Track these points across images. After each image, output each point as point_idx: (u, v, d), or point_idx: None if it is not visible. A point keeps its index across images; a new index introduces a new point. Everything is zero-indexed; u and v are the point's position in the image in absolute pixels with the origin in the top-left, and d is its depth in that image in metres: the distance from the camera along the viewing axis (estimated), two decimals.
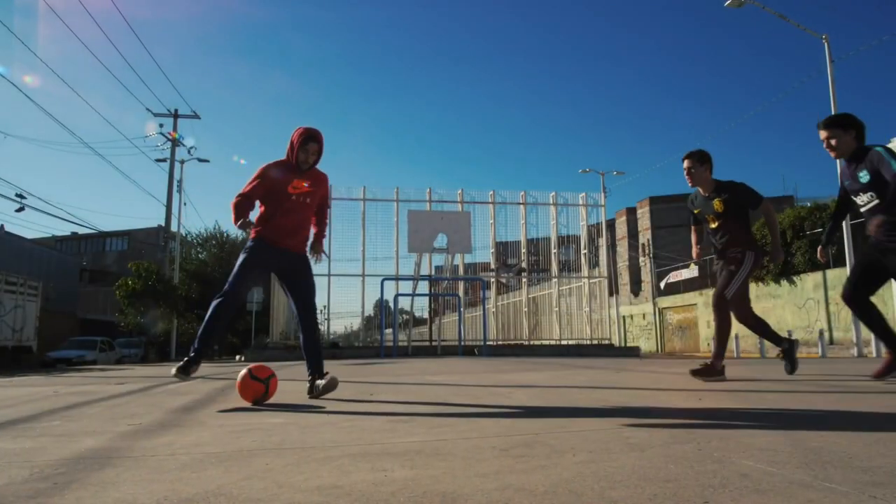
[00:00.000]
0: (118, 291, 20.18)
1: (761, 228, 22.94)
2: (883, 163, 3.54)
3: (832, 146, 3.81)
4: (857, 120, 3.80)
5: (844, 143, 3.77)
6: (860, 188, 3.72)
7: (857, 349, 13.67)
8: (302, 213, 3.73)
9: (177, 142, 24.40)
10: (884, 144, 3.65)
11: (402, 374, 6.15)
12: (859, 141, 3.77)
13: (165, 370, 9.81)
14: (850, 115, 3.83)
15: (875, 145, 3.67)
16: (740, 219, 4.42)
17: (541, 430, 2.16)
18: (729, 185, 4.41)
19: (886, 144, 11.98)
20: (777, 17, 13.86)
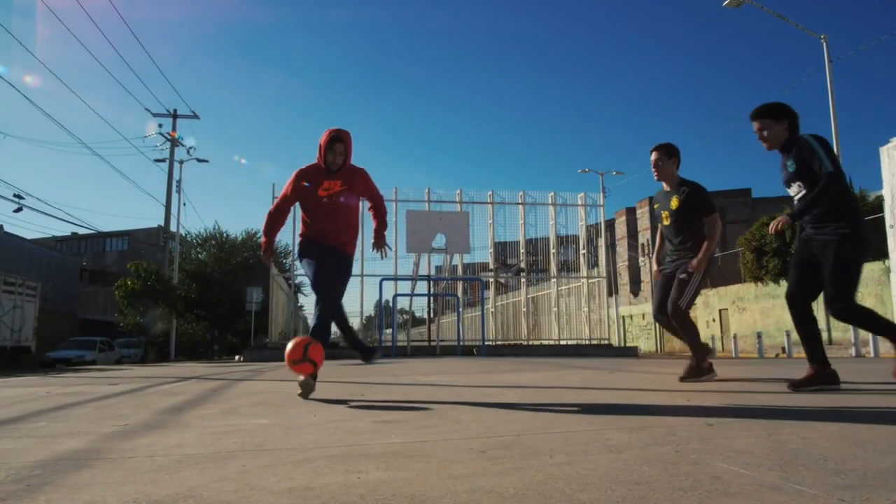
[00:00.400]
0: (117, 292, 20.19)
1: (760, 228, 22.97)
2: (813, 156, 3.35)
3: (764, 137, 3.60)
4: (789, 110, 3.59)
5: (776, 133, 3.57)
6: (788, 178, 3.53)
7: (854, 349, 13.64)
8: (339, 213, 3.74)
9: (176, 142, 24.42)
10: (815, 134, 3.43)
11: (398, 375, 6.14)
12: (792, 131, 3.56)
13: (162, 370, 9.82)
14: (783, 104, 3.62)
15: (806, 135, 3.45)
16: (695, 221, 4.33)
17: (523, 431, 2.16)
18: (691, 184, 4.33)
19: (885, 145, 11.78)
20: (776, 16, 13.85)
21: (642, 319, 32.28)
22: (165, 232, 24.29)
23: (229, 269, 26.83)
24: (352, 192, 3.76)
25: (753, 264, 22.96)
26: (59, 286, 31.64)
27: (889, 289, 18.12)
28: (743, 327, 23.50)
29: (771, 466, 1.51)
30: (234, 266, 26.98)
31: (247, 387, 4.89)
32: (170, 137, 24.16)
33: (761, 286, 23.12)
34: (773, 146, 3.62)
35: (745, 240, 23.61)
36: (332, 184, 3.68)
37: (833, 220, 3.38)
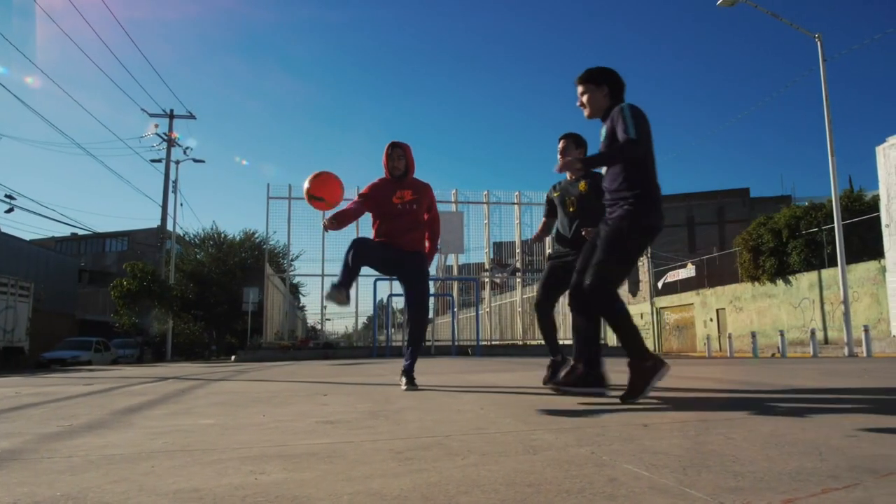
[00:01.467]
0: (113, 292, 20.23)
1: (758, 228, 22.89)
2: (620, 120, 3.03)
3: (583, 103, 3.28)
4: (613, 76, 3.26)
5: (595, 100, 3.24)
6: (600, 147, 3.25)
7: (847, 349, 13.58)
8: (409, 216, 4.13)
9: (173, 142, 24.45)
10: (633, 104, 3.10)
11: (375, 375, 6.13)
12: (613, 99, 3.22)
13: (149, 371, 9.82)
14: (607, 69, 3.28)
15: (625, 103, 3.13)
16: (599, 207, 4.18)
17: (455, 432, 2.14)
18: (597, 173, 4.03)
19: (881, 144, 11.78)
20: (770, 15, 13.79)
21: (640, 319, 32.16)
22: (162, 232, 24.33)
23: (226, 270, 26.85)
24: (421, 203, 4.16)
25: (750, 264, 22.90)
26: (57, 287, 31.70)
27: (884, 288, 18.06)
28: (740, 327, 23.41)
29: (675, 468, 1.49)
30: (231, 266, 26.99)
31: (219, 387, 4.88)
32: (167, 138, 24.21)
33: (758, 286, 23.04)
34: (593, 114, 3.29)
35: (742, 239, 23.54)
36: (403, 192, 4.11)
37: (625, 200, 3.07)
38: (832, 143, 13.68)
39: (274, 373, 7.47)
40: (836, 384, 4.14)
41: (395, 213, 4.09)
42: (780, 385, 4.07)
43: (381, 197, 4.12)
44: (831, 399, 3.26)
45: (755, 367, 7.04)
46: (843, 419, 2.31)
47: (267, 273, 17.76)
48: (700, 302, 26.84)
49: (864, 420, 2.28)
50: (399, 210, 4.09)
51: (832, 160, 13.71)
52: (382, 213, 4.15)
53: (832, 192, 14.14)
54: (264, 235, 25.94)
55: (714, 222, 31.27)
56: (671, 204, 32.18)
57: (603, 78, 3.23)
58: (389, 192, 4.10)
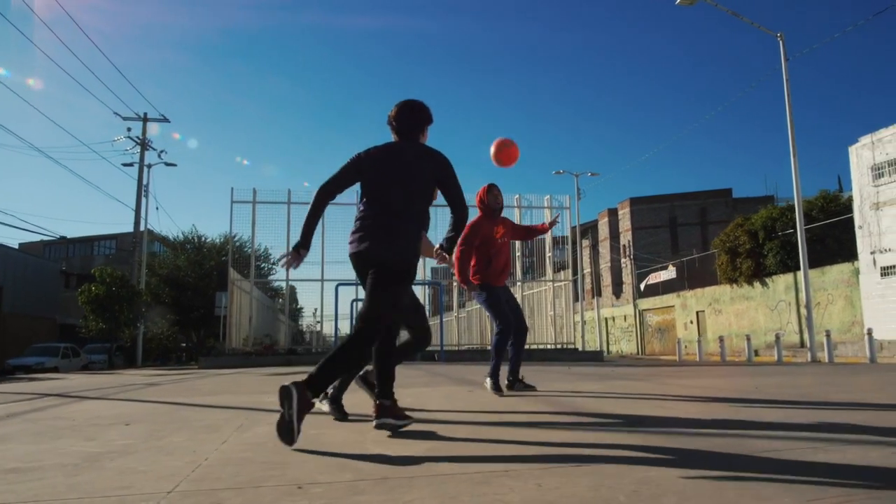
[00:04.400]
0: (80, 297, 19.94)
1: (735, 230, 22.69)
2: None
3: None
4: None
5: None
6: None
7: (810, 354, 13.36)
8: (506, 252, 4.62)
9: (146, 145, 24.17)
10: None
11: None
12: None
13: (84, 380, 9.54)
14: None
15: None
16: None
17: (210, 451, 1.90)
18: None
19: (854, 144, 11.80)
20: (731, 14, 13.58)
21: (624, 321, 32.00)
22: (135, 236, 24.07)
23: (203, 274, 26.57)
24: (508, 235, 4.67)
25: (728, 266, 22.73)
26: (37, 290, 31.40)
27: (858, 290, 17.87)
28: (720, 329, 23.21)
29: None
30: (208, 270, 26.70)
31: (76, 408, 4.60)
32: (139, 141, 23.95)
33: (736, 288, 22.87)
34: None
35: (720, 241, 23.37)
36: (498, 228, 4.56)
37: None
38: (794, 145, 13.47)
39: (193, 385, 7.23)
40: (688, 412, 3.90)
41: (497, 251, 4.53)
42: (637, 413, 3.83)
43: (486, 233, 4.50)
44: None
45: (709, 376, 6.81)
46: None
47: (232, 278, 17.47)
48: (681, 304, 26.66)
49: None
50: (500, 245, 4.56)
51: (794, 161, 13.50)
52: (487, 249, 4.51)
53: (794, 195, 13.96)
54: (243, 239, 25.64)
55: (697, 223, 31.11)
56: (654, 204, 32.01)
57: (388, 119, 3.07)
58: (492, 227, 4.53)
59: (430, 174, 2.93)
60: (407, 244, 2.81)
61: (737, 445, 2.18)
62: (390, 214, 2.84)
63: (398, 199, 2.87)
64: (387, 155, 2.95)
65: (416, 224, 2.89)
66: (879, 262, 17.12)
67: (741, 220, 22.93)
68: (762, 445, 2.16)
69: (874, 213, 17.41)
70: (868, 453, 1.98)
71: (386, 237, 2.79)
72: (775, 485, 1.59)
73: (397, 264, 2.79)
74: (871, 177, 17.46)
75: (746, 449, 2.10)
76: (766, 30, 13.65)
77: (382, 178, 2.90)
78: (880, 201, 17.21)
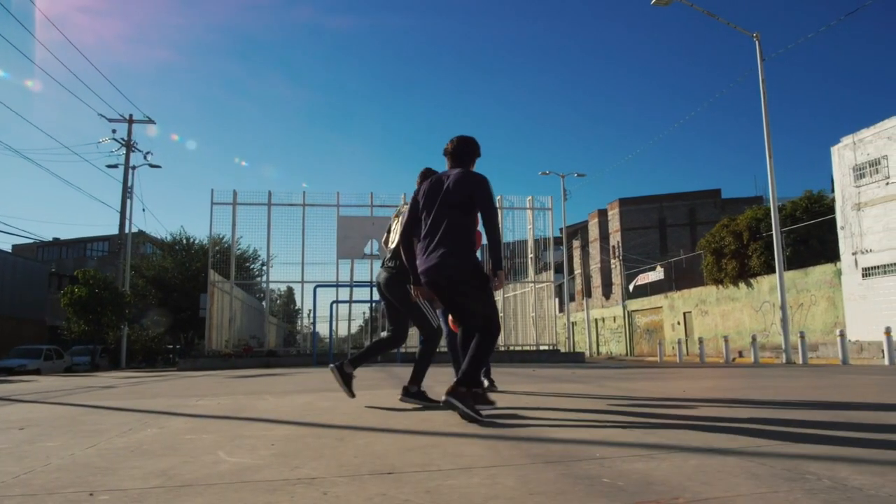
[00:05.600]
0: (63, 299, 19.87)
1: (720, 230, 22.65)
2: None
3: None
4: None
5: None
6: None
7: (785, 356, 13.30)
8: None
9: (131, 146, 24.12)
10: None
11: (234, 391, 5.83)
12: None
13: (42, 383, 9.49)
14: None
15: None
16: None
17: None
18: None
19: (836, 145, 11.88)
20: (706, 14, 13.53)
21: (613, 322, 31.93)
22: (120, 238, 24.01)
23: (190, 275, 26.50)
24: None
25: (713, 266, 22.66)
26: (25, 292, 31.36)
27: (841, 291, 17.80)
28: (706, 330, 23.15)
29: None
30: (195, 271, 26.63)
31: None
32: (124, 142, 23.90)
33: (722, 289, 22.80)
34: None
35: (706, 242, 23.30)
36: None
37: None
38: (770, 146, 13.42)
39: (145, 388, 7.19)
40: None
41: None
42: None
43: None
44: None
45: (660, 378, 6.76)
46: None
47: (212, 280, 17.43)
48: (668, 305, 26.59)
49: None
50: None
51: (770, 163, 13.44)
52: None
53: (770, 196, 13.90)
54: (230, 241, 25.63)
55: (686, 224, 31.04)
56: (642, 205, 31.94)
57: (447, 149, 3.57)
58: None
59: (466, 190, 3.30)
60: (455, 260, 3.23)
61: (540, 448, 2.12)
62: (432, 237, 3.30)
63: (438, 221, 3.32)
64: (431, 185, 3.44)
65: (454, 238, 3.26)
66: (861, 262, 17.06)
67: (727, 220, 22.88)
68: (589, 452, 2.11)
69: (856, 213, 17.35)
70: (687, 461, 1.93)
71: (437, 260, 3.24)
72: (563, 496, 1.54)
73: (455, 276, 3.24)
74: (853, 177, 17.40)
75: (553, 455, 2.05)
76: (742, 30, 13.62)
77: (428, 205, 3.39)
78: (862, 202, 17.15)
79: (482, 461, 1.98)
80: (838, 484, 1.53)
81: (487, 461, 1.98)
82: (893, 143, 16.38)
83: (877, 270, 16.64)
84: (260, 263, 28.48)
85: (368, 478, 1.80)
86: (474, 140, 3.59)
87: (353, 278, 16.72)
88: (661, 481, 1.61)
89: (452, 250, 3.24)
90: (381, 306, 22.04)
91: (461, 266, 3.24)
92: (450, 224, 3.28)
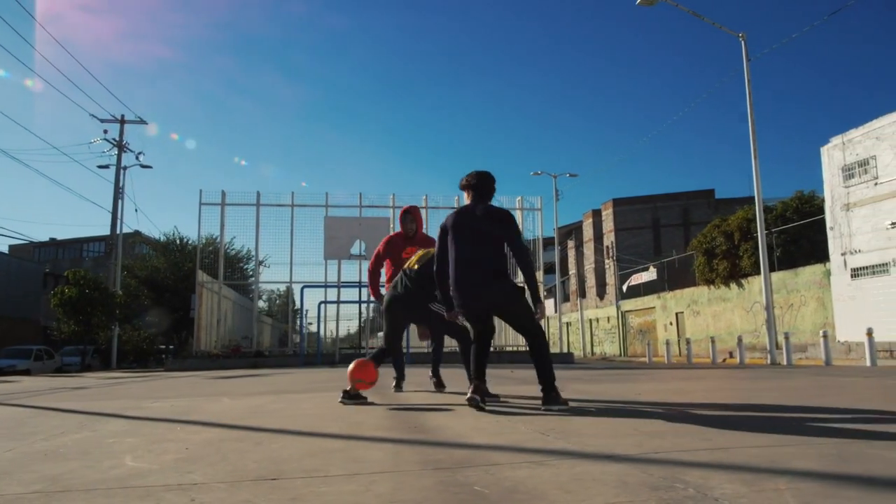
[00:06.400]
0: (53, 299, 19.87)
1: (712, 231, 22.62)
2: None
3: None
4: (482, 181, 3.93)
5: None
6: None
7: (770, 357, 13.28)
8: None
9: (124, 147, 24.12)
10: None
11: (200, 392, 5.83)
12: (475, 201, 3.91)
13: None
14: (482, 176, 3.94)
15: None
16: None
17: None
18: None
19: (826, 145, 11.97)
20: (692, 14, 13.51)
21: (607, 323, 31.91)
22: (111, 238, 24.02)
23: (182, 276, 26.50)
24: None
25: (705, 267, 22.63)
26: (19, 293, 31.38)
27: (829, 292, 17.77)
28: (698, 330, 23.13)
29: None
30: (187, 272, 26.63)
31: None
32: (116, 143, 23.91)
33: (713, 289, 22.77)
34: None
35: (698, 242, 23.28)
36: (410, 249, 4.95)
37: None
38: (755, 145, 13.40)
39: (117, 390, 7.19)
40: None
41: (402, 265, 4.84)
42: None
43: (394, 252, 5.15)
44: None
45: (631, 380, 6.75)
46: None
47: (200, 280, 17.43)
48: (661, 305, 26.57)
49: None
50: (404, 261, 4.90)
51: (755, 163, 13.43)
52: (395, 268, 5.07)
53: (755, 196, 13.88)
54: (226, 241, 25.63)
55: (679, 224, 31.00)
56: (636, 206, 31.91)
57: (471, 183, 3.87)
58: (400, 248, 5.14)
59: (498, 226, 3.73)
60: (507, 286, 3.72)
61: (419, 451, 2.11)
62: (475, 267, 3.68)
63: (478, 254, 3.71)
64: (462, 219, 3.81)
65: (492, 267, 3.69)
66: (850, 263, 17.03)
67: (718, 221, 22.85)
68: (489, 458, 2.09)
69: (845, 213, 17.32)
70: (573, 468, 1.92)
71: (484, 288, 3.67)
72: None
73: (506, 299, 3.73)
74: (842, 177, 17.37)
75: (434, 459, 2.04)
76: (728, 30, 13.60)
77: (464, 237, 3.74)
78: (851, 202, 17.12)
79: (374, 467, 1.97)
80: (700, 493, 1.52)
81: (380, 467, 1.97)
82: (882, 144, 16.35)
83: (865, 271, 16.61)
84: (254, 264, 28.53)
85: (248, 484, 1.79)
86: (493, 177, 3.96)
87: (340, 279, 16.71)
88: (528, 489, 1.60)
89: (502, 277, 3.71)
90: (372, 307, 22.07)
91: (512, 291, 3.74)
92: (493, 254, 3.71)
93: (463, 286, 3.68)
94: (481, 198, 3.82)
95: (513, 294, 3.70)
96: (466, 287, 3.67)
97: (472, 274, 3.66)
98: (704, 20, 13.50)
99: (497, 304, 3.73)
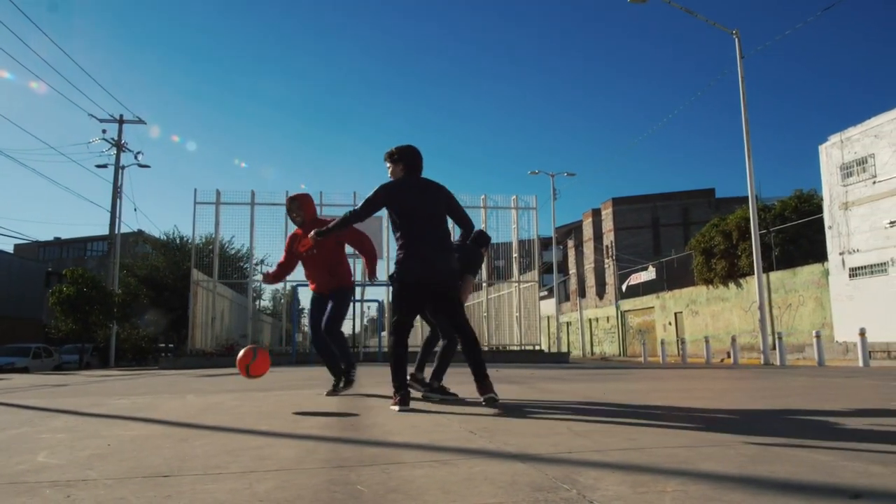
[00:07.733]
0: (51, 298, 19.97)
1: (710, 230, 22.46)
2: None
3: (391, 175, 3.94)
4: (407, 153, 3.78)
5: (395, 173, 3.77)
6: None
7: (763, 357, 13.15)
8: (317, 261, 4.53)
9: (122, 147, 24.19)
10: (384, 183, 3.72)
11: (168, 390, 5.81)
12: (406, 173, 3.74)
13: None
14: (405, 147, 3.80)
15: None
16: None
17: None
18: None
19: (824, 143, 11.87)
20: (685, 11, 13.40)
21: (607, 322, 31.77)
22: (110, 237, 24.10)
23: (181, 274, 26.55)
24: (322, 244, 4.32)
25: (703, 266, 22.48)
26: (21, 292, 31.56)
27: (828, 291, 17.60)
28: (696, 330, 22.99)
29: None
30: (186, 270, 26.70)
31: None
32: (114, 142, 23.99)
33: (712, 289, 22.62)
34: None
35: (696, 241, 23.13)
36: (305, 241, 4.37)
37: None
38: (749, 144, 13.27)
39: (98, 387, 7.19)
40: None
41: (306, 263, 4.59)
42: None
43: (294, 249, 4.61)
44: None
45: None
46: None
47: (195, 279, 17.44)
48: (660, 305, 26.43)
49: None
50: (306, 259, 4.55)
51: (749, 163, 13.30)
52: (303, 263, 4.67)
53: (749, 195, 13.75)
54: (223, 240, 25.67)
55: (679, 223, 30.81)
56: (635, 205, 31.74)
57: (398, 156, 3.74)
58: (297, 244, 4.54)
59: (445, 200, 3.71)
60: (453, 261, 3.71)
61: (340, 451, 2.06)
62: (435, 244, 3.58)
63: (436, 226, 3.64)
64: (411, 189, 3.66)
65: (447, 243, 3.69)
66: (848, 262, 16.86)
67: (717, 220, 22.70)
68: (397, 457, 2.04)
69: (843, 213, 17.15)
70: (472, 468, 1.87)
71: (442, 263, 3.58)
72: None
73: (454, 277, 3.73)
74: (840, 176, 17.20)
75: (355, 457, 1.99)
76: (721, 27, 13.47)
77: (415, 210, 3.60)
78: (849, 201, 16.95)
79: (274, 465, 1.93)
80: (581, 494, 1.47)
81: (279, 465, 1.92)
82: (880, 142, 16.17)
83: (863, 271, 16.44)
84: (254, 263, 28.55)
85: (138, 480, 1.75)
86: (419, 150, 3.87)
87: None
88: (408, 490, 1.56)
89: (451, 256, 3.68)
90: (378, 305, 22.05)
91: (456, 270, 3.77)
92: (445, 230, 3.71)
93: (424, 259, 3.52)
94: (418, 172, 3.76)
95: (457, 273, 3.78)
96: (428, 261, 3.52)
97: (432, 248, 3.56)
98: (697, 17, 13.40)
99: (445, 282, 3.60)
